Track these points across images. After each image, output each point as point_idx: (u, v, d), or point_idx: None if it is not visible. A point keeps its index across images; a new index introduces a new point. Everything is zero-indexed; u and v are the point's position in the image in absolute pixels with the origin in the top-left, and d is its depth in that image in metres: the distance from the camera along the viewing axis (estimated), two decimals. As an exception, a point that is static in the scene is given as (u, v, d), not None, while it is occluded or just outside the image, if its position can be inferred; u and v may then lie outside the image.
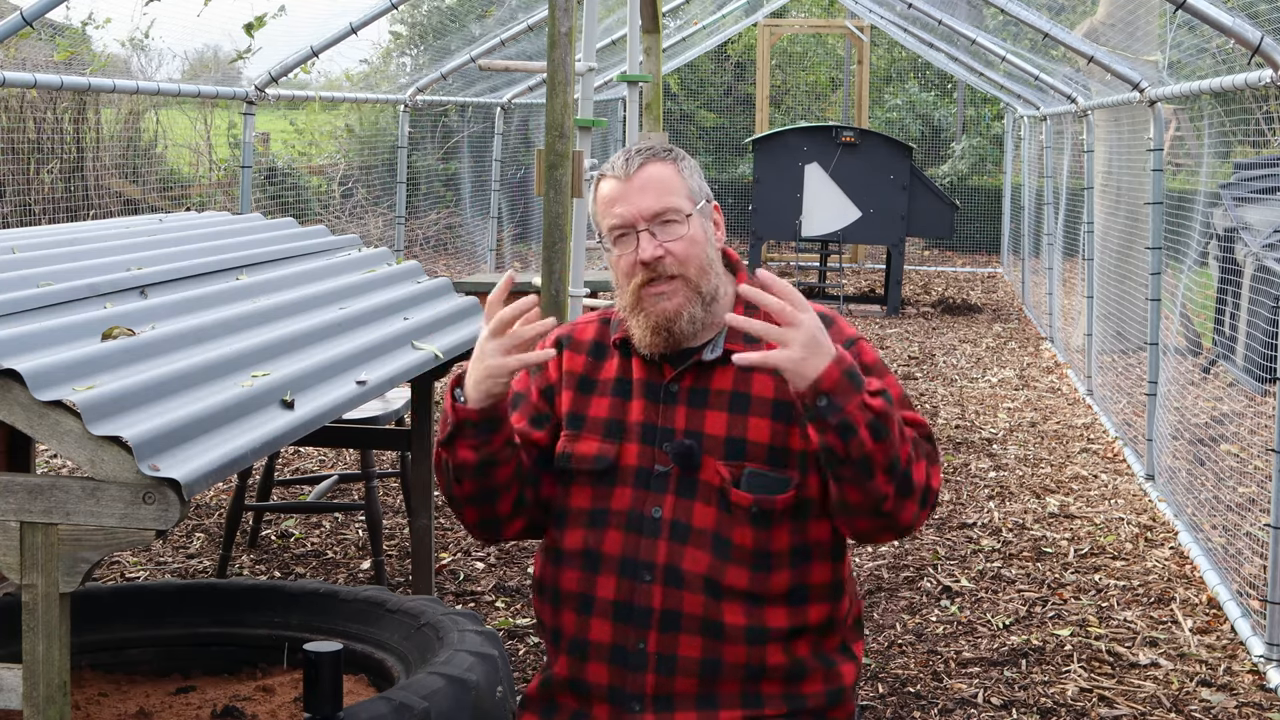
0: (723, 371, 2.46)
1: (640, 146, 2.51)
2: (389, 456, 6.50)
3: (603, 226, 2.48)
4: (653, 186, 2.44)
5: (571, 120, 4.78)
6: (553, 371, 2.57)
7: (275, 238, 4.32)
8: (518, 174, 14.40)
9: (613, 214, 2.45)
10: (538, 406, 2.56)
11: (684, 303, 2.42)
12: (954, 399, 9.00)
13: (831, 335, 2.44)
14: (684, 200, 2.45)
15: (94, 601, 3.49)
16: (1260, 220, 7.82)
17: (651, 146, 2.50)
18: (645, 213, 2.42)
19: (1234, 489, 6.14)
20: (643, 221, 2.42)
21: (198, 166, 12.22)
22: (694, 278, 2.43)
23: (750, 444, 2.43)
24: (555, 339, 2.60)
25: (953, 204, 13.49)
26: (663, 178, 2.45)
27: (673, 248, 2.42)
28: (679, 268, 2.42)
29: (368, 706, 2.71)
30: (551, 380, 2.57)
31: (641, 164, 2.46)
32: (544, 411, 2.56)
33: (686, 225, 2.43)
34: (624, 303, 2.48)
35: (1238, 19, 4.94)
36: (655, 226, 2.42)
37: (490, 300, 2.38)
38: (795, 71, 22.52)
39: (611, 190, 2.46)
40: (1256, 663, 4.58)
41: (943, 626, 4.93)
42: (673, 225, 2.43)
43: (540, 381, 2.57)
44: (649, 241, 2.42)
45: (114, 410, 2.44)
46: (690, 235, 2.43)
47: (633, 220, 2.43)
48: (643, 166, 2.45)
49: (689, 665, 2.42)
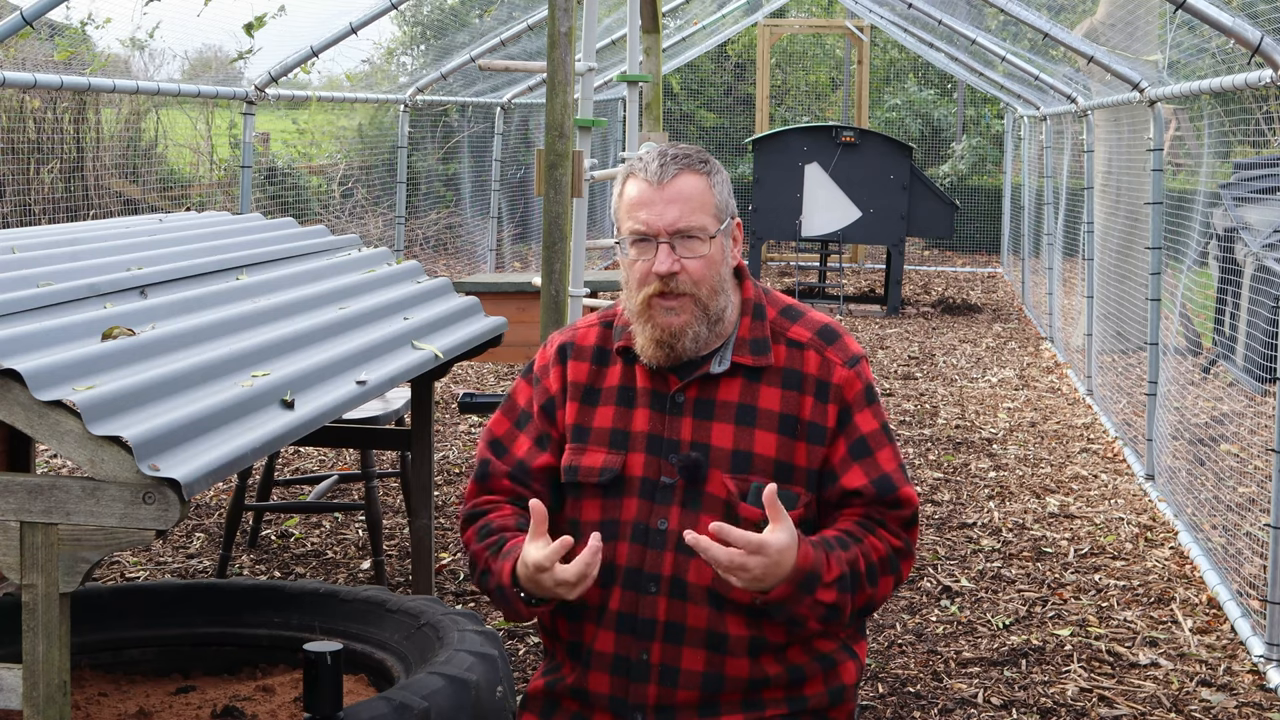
0: (729, 383, 2.45)
1: (676, 152, 2.45)
2: (389, 456, 6.50)
3: (623, 226, 2.44)
4: (682, 200, 2.40)
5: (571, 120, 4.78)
6: (554, 384, 2.54)
7: (275, 238, 4.32)
8: (518, 174, 14.40)
9: (637, 218, 2.41)
10: (539, 427, 2.54)
11: (691, 320, 2.41)
12: (954, 399, 9.00)
13: (837, 351, 2.46)
14: (710, 219, 2.42)
15: (94, 601, 3.49)
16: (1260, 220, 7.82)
17: (688, 154, 2.45)
18: (670, 225, 2.39)
19: (1234, 489, 6.14)
20: (665, 234, 2.39)
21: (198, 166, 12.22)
22: (704, 298, 2.41)
23: (757, 457, 2.42)
24: (557, 348, 2.58)
25: (953, 204, 13.50)
26: (694, 192, 2.41)
27: (690, 265, 2.39)
28: (692, 287, 2.40)
29: (368, 706, 2.71)
30: (553, 393, 2.54)
31: (676, 173, 2.41)
32: (546, 431, 2.54)
33: (708, 245, 2.41)
34: (631, 307, 2.45)
35: (1238, 19, 4.94)
36: (677, 240, 2.39)
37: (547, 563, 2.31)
38: (795, 71, 22.52)
39: (640, 194, 2.42)
40: (1256, 663, 4.58)
41: (943, 626, 4.93)
42: (695, 243, 2.40)
43: (540, 397, 2.55)
44: (667, 255, 2.39)
45: (114, 410, 2.44)
46: (710, 255, 2.41)
47: (656, 230, 2.40)
48: (677, 176, 2.41)
49: (692, 677, 2.41)
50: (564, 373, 2.54)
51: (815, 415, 2.44)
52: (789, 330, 2.50)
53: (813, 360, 2.46)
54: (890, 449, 2.47)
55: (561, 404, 2.53)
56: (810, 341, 2.48)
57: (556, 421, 2.54)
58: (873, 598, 2.44)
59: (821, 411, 2.44)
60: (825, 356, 2.47)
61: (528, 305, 6.83)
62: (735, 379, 2.45)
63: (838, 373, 2.46)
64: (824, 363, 2.46)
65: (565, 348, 2.57)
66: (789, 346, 2.48)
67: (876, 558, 2.42)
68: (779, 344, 2.48)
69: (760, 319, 2.49)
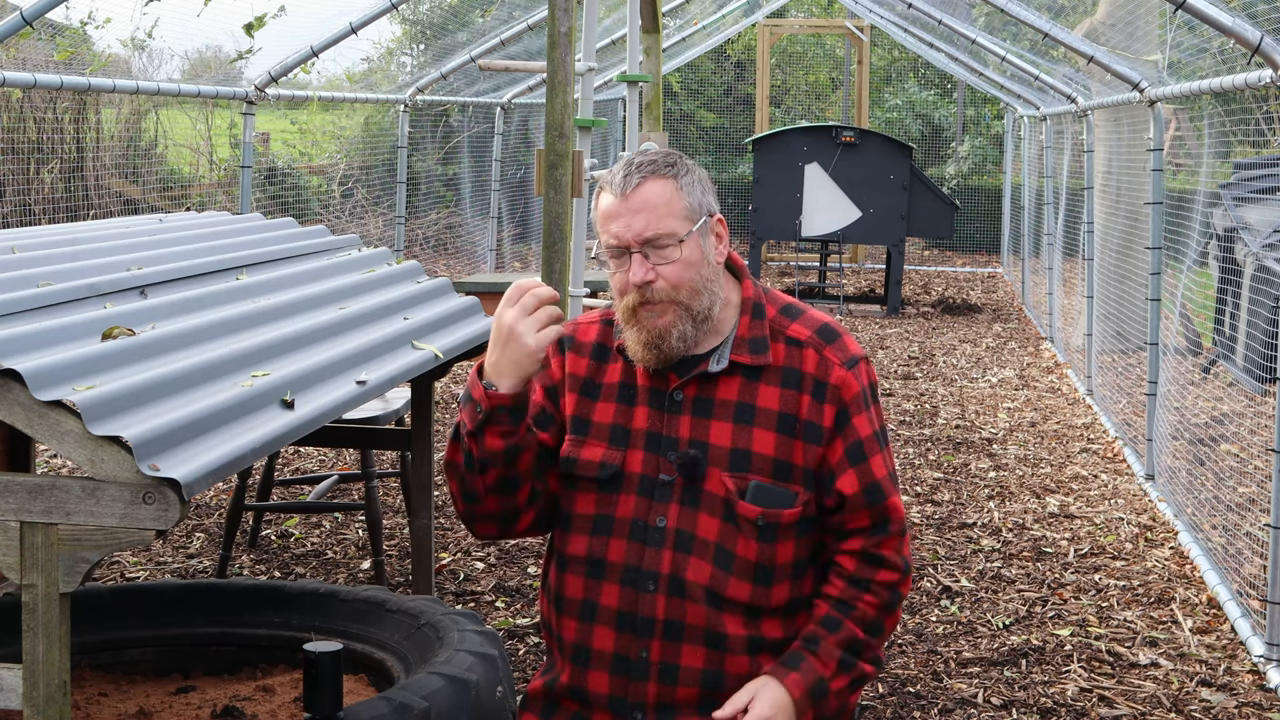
0: (727, 382, 2.46)
1: (641, 160, 2.45)
2: (389, 456, 6.50)
3: (601, 239, 2.46)
4: (648, 208, 2.40)
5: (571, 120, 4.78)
6: (556, 371, 2.56)
7: (275, 238, 4.32)
8: (518, 174, 14.40)
9: (609, 231, 2.43)
10: (543, 406, 2.55)
11: (675, 320, 2.41)
12: (954, 399, 9.00)
13: (836, 351, 2.47)
14: (679, 222, 2.41)
15: (94, 601, 3.49)
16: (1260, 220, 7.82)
17: (653, 160, 2.45)
18: (638, 235, 2.39)
19: (1234, 489, 6.14)
20: (636, 244, 2.40)
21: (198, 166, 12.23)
22: (685, 300, 2.41)
23: (755, 456, 2.43)
24: (556, 339, 2.59)
25: (953, 204, 13.50)
26: (660, 199, 2.40)
27: (665, 271, 2.39)
28: (670, 292, 2.40)
29: (368, 706, 2.71)
30: (555, 380, 2.56)
31: (639, 182, 2.41)
32: (549, 411, 2.55)
33: (680, 249, 2.40)
34: (620, 316, 2.48)
35: (1237, 19, 4.94)
36: (649, 249, 2.40)
37: (519, 284, 2.39)
38: (795, 71, 22.52)
39: (608, 207, 2.43)
40: (1256, 663, 4.58)
41: (943, 626, 4.93)
42: (666, 249, 2.40)
43: (545, 380, 2.56)
44: (640, 265, 2.40)
45: (114, 410, 2.44)
46: (684, 258, 2.41)
47: (626, 242, 2.40)
48: (640, 185, 2.41)
49: (691, 675, 2.42)
50: (564, 363, 2.56)
51: (812, 414, 2.44)
52: (788, 328, 2.50)
53: (811, 359, 2.47)
54: (882, 455, 2.48)
55: (562, 393, 2.54)
56: (809, 340, 2.48)
57: (560, 406, 2.54)
58: (882, 641, 2.51)
59: (818, 411, 2.44)
60: (824, 356, 2.47)
61: (528, 305, 6.81)
62: (734, 377, 2.46)
63: (835, 373, 2.46)
64: (822, 362, 2.46)
65: (564, 340, 2.58)
66: (788, 345, 2.48)
67: (873, 615, 2.47)
68: (778, 342, 2.48)
69: (760, 318, 2.49)
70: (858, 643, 2.44)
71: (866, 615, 2.45)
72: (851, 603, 2.45)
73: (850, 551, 2.48)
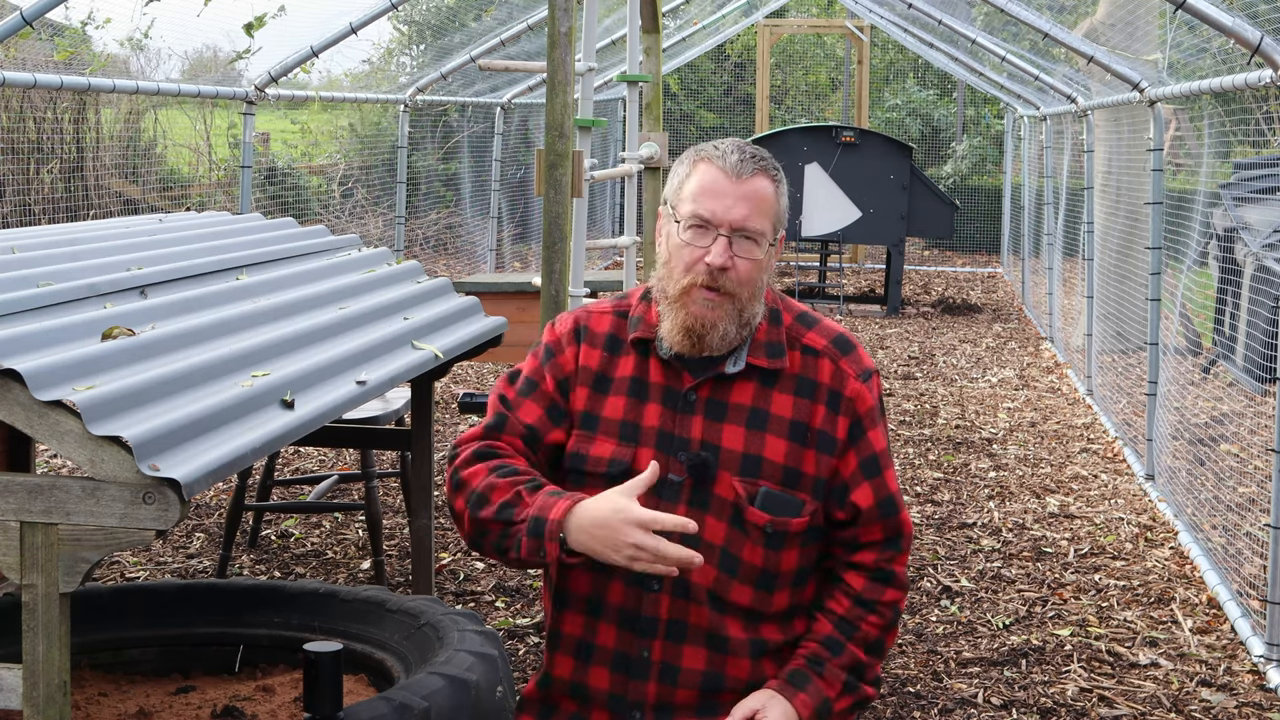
0: (742, 385, 2.45)
1: (753, 151, 2.45)
2: (389, 456, 6.50)
3: (684, 207, 2.42)
4: (754, 199, 2.40)
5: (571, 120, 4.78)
6: (569, 362, 2.52)
7: (275, 238, 4.32)
8: (518, 174, 14.40)
9: (703, 205, 2.40)
10: (553, 398, 2.51)
11: (724, 317, 2.40)
12: (954, 399, 9.00)
13: (851, 363, 2.48)
14: (770, 227, 2.43)
15: (94, 601, 3.49)
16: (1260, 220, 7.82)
17: (764, 157, 2.45)
18: (736, 221, 2.39)
19: (1234, 489, 6.14)
20: (729, 228, 2.39)
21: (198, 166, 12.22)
22: (744, 300, 2.42)
23: (766, 462, 2.43)
24: (573, 328, 2.56)
25: (953, 204, 13.50)
26: (766, 196, 2.42)
27: (741, 265, 2.39)
28: (736, 287, 2.40)
29: (368, 706, 2.71)
30: (567, 372, 2.52)
31: (755, 172, 2.42)
32: (560, 405, 2.51)
33: (760, 249, 2.41)
34: (669, 290, 2.44)
35: (1237, 19, 4.94)
36: (736, 237, 2.39)
37: (676, 554, 2.27)
38: (795, 71, 22.52)
39: (715, 182, 2.41)
40: (1256, 663, 4.58)
41: (943, 626, 4.93)
42: (752, 245, 2.40)
43: (557, 371, 2.52)
44: (724, 249, 2.38)
45: (114, 410, 2.44)
46: (760, 260, 2.42)
47: (720, 222, 2.39)
48: (754, 175, 2.41)
49: (692, 676, 2.42)
50: (578, 354, 2.52)
51: (826, 425, 2.45)
52: (804, 336, 2.50)
53: (826, 369, 2.47)
54: (892, 470, 2.53)
55: (573, 386, 2.52)
56: (825, 350, 2.49)
57: (570, 400, 2.52)
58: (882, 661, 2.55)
59: (832, 421, 2.45)
60: (839, 367, 2.48)
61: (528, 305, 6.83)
62: (749, 382, 2.45)
63: (850, 385, 2.47)
64: (837, 373, 2.47)
65: (580, 329, 2.54)
66: (804, 353, 2.48)
67: (875, 635, 2.49)
68: (794, 350, 2.49)
69: (776, 323, 2.50)
70: (860, 665, 2.47)
71: (869, 636, 2.48)
72: (856, 623, 2.47)
73: (860, 565, 2.49)
